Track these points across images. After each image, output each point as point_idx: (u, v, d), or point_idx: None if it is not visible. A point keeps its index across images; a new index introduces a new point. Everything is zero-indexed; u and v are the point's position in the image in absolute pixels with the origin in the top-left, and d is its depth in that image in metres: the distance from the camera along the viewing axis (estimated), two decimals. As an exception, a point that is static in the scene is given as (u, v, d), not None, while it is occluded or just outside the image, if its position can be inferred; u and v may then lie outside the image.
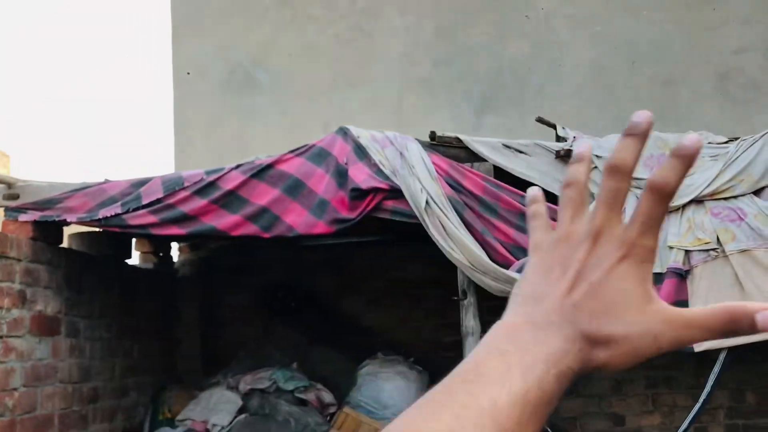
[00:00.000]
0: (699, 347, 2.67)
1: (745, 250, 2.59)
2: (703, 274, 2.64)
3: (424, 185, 2.89)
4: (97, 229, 3.50)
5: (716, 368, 2.65)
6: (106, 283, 3.74)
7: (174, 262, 4.82)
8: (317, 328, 4.88)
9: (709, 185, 2.71)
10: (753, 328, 0.47)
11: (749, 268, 2.58)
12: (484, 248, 2.88)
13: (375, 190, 2.98)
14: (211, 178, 3.11)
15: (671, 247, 2.69)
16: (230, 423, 3.91)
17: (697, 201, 2.72)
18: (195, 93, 5.53)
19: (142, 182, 3.14)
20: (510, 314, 0.51)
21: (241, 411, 4.02)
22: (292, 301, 4.88)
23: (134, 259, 4.34)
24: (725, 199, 2.69)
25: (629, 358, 0.49)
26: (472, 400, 0.46)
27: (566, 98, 5.14)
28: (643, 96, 5.13)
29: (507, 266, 2.85)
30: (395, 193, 2.99)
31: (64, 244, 3.50)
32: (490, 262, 2.81)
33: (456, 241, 2.85)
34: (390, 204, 3.00)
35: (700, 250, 2.66)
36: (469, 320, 2.93)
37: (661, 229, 0.49)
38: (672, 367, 4.66)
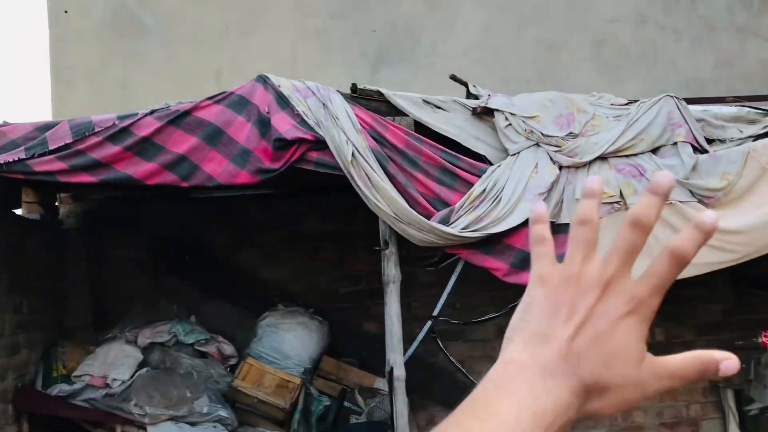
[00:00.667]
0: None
1: (645, 203, 2.88)
2: (608, 224, 2.89)
3: (349, 137, 2.93)
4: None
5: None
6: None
7: (59, 214, 4.55)
8: (211, 281, 4.82)
9: (613, 144, 2.96)
10: (717, 374, 0.52)
11: (647, 219, 2.87)
12: (406, 200, 2.98)
13: (299, 141, 2.99)
14: (124, 123, 2.98)
15: (578, 200, 2.92)
16: (131, 377, 3.82)
17: (602, 158, 2.97)
18: (74, 34, 5.18)
19: (48, 126, 2.96)
20: (516, 350, 0.52)
21: (141, 365, 3.93)
22: (185, 254, 4.77)
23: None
24: (627, 156, 2.95)
25: (618, 408, 0.52)
26: None
27: (456, 57, 5.30)
28: (527, 58, 5.41)
29: (428, 217, 2.97)
30: (320, 144, 3.01)
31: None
32: (414, 212, 2.92)
33: (381, 192, 2.93)
34: (314, 155, 3.02)
35: (605, 203, 2.91)
36: (391, 269, 3.04)
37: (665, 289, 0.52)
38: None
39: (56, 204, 4.51)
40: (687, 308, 5.11)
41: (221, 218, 4.92)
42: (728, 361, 0.52)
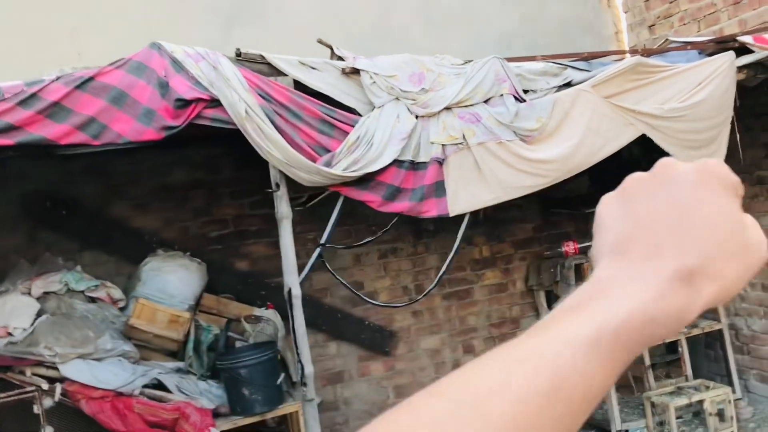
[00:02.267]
0: (452, 212, 3.75)
1: (482, 143, 3.69)
2: (455, 161, 3.68)
3: (241, 96, 3.43)
4: None
5: (462, 227, 3.75)
6: None
7: (-73, 177, 4.57)
8: (87, 232, 5.08)
9: (455, 96, 3.71)
10: None
11: (484, 155, 3.68)
12: (293, 148, 3.56)
13: (197, 100, 3.44)
14: (33, 89, 3.26)
15: (432, 143, 3.67)
16: (32, 324, 4.10)
17: (448, 108, 3.72)
18: None
19: (-42, 93, 3.17)
20: (599, 268, 0.49)
21: (39, 314, 4.20)
22: (60, 208, 4.98)
23: None
24: (466, 106, 3.73)
25: (731, 293, 0.47)
26: (532, 353, 0.44)
27: (303, 15, 5.80)
28: (363, 18, 6.01)
29: (314, 161, 3.58)
30: (214, 102, 3.48)
31: None
32: (303, 158, 3.51)
33: (273, 142, 3.48)
34: (210, 112, 3.49)
35: (452, 144, 3.68)
36: (283, 207, 3.61)
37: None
38: (398, 240, 5.85)
39: None
40: (505, 228, 6.15)
41: (90, 173, 5.15)
42: None
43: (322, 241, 3.80)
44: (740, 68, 4.16)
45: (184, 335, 4.55)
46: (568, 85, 4.00)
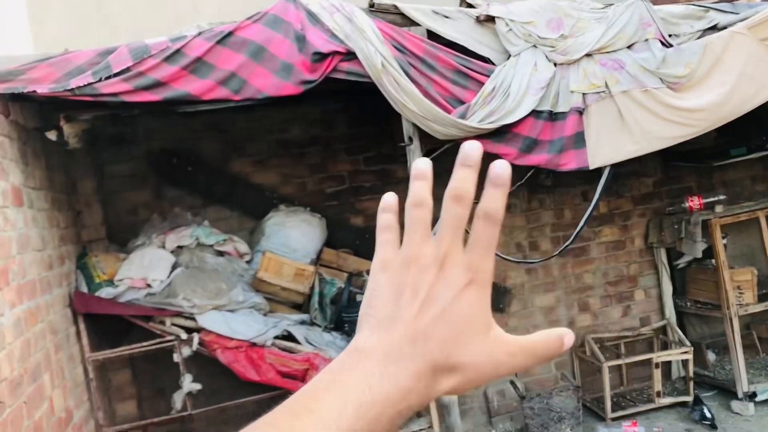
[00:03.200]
0: (593, 165, 3.61)
1: (626, 91, 3.51)
2: (596, 110, 3.53)
3: (377, 48, 3.37)
4: (40, 103, 3.49)
5: (602, 180, 3.61)
6: (38, 155, 3.76)
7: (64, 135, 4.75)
8: (210, 188, 5.19)
9: (596, 42, 3.54)
10: (562, 348, 0.55)
11: (628, 104, 3.51)
12: (428, 100, 3.48)
13: (333, 53, 3.40)
14: (177, 45, 3.30)
15: (572, 91, 3.53)
16: (168, 276, 4.24)
17: (588, 55, 3.56)
18: (45, -45, 5.19)
19: (109, 51, 3.23)
20: (363, 337, 0.52)
21: (173, 267, 4.34)
22: (185, 165, 5.10)
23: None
24: (608, 53, 3.55)
25: (471, 384, 0.52)
26: None
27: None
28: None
29: (448, 113, 3.50)
30: (350, 55, 3.43)
31: None
32: (438, 109, 3.44)
33: (409, 95, 3.41)
34: (345, 65, 3.45)
35: (593, 93, 3.52)
36: (417, 161, 3.56)
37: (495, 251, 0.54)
38: (511, 196, 5.74)
39: (60, 126, 4.70)
40: (623, 182, 5.94)
41: (210, 130, 5.24)
42: (568, 336, 0.55)
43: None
44: None
45: (309, 288, 4.62)
46: (713, 28, 3.75)
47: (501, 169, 0.53)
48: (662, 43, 3.60)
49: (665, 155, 5.85)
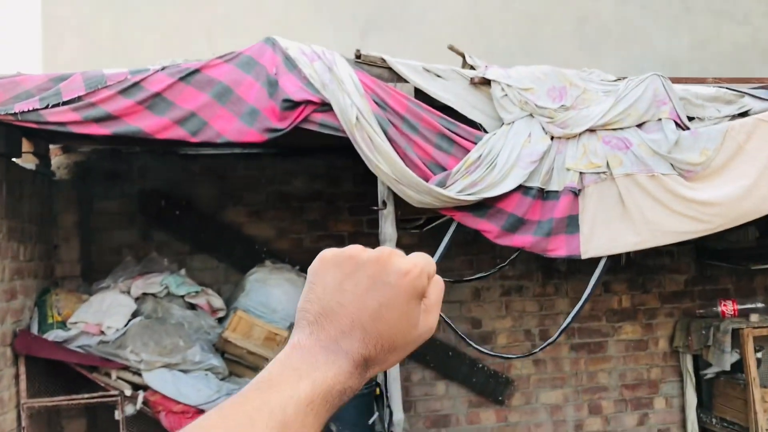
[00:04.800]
0: (585, 254, 3.16)
1: (630, 174, 3.08)
2: (593, 193, 3.10)
3: (353, 101, 3.06)
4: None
5: (596, 273, 3.15)
6: (-5, 182, 3.56)
7: (51, 165, 4.59)
8: (198, 235, 4.93)
9: (602, 117, 3.14)
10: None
11: (632, 189, 3.07)
12: (405, 163, 3.13)
13: (306, 102, 3.11)
14: (136, 78, 3.06)
15: (568, 169, 3.11)
16: (125, 325, 3.93)
17: (591, 130, 3.15)
18: (65, -16, 5.15)
19: (62, 78, 3.02)
20: (303, 335, 0.56)
21: (134, 315, 4.05)
22: (174, 208, 4.86)
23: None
24: (614, 129, 3.14)
25: (394, 364, 0.59)
26: (263, 405, 0.51)
27: (443, 26, 5.42)
28: (511, 30, 5.55)
29: (426, 180, 3.13)
30: (324, 106, 3.13)
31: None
32: (414, 174, 3.07)
33: (383, 155, 3.07)
34: (319, 117, 3.14)
35: (592, 173, 3.11)
36: (387, 227, 3.20)
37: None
38: (524, 278, 5.29)
39: (48, 155, 4.55)
40: (651, 276, 5.41)
41: (208, 175, 5.01)
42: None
43: (429, 271, 3.33)
44: None
45: (278, 355, 4.23)
46: (744, 115, 3.30)
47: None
48: (677, 125, 3.17)
49: (700, 252, 5.32)
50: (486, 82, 3.25)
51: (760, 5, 5.70)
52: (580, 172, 3.11)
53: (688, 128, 3.17)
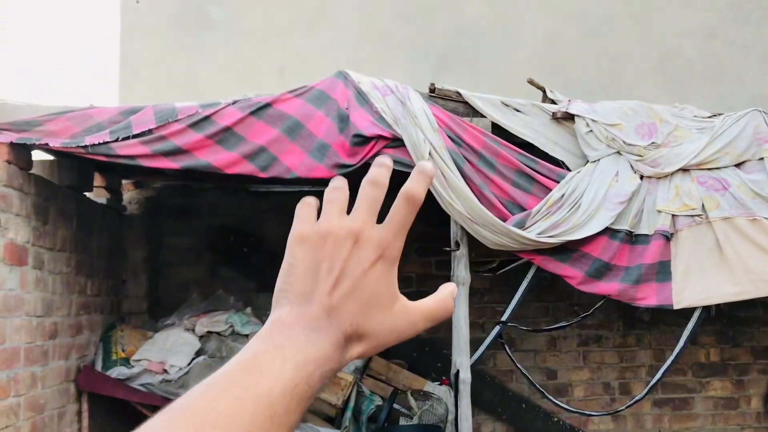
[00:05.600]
0: (678, 305, 2.90)
1: (728, 218, 2.83)
2: (687, 237, 2.86)
3: (426, 136, 2.93)
4: (63, 157, 3.31)
5: (690, 325, 2.88)
6: (66, 215, 3.55)
7: (122, 200, 4.61)
8: (265, 273, 4.84)
9: (696, 156, 2.91)
10: (452, 303, 0.60)
11: (730, 234, 2.82)
12: (480, 201, 2.96)
13: (377, 138, 2.99)
14: (207, 112, 3.01)
15: (660, 211, 2.88)
16: (188, 364, 3.85)
17: (684, 170, 2.92)
18: (143, 24, 5.26)
19: (133, 111, 2.99)
20: (284, 312, 0.55)
21: (198, 353, 3.96)
22: (242, 245, 4.80)
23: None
24: (710, 169, 2.90)
25: (376, 350, 0.57)
26: (250, 388, 0.50)
27: (519, 63, 5.26)
28: (590, 69, 5.35)
29: (503, 220, 2.95)
30: (396, 141, 3.01)
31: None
32: (490, 214, 2.90)
33: (457, 192, 2.91)
34: (390, 152, 3.02)
35: (685, 215, 2.86)
36: (461, 270, 3.02)
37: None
38: (603, 327, 4.99)
39: (120, 190, 4.57)
40: (743, 329, 5.02)
41: (277, 212, 4.94)
42: (455, 289, 0.61)
43: (503, 317, 3.12)
44: None
45: (343, 400, 4.06)
46: None
47: (428, 166, 0.59)
48: (782, 164, 2.90)
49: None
50: (569, 117, 3.07)
51: None
52: (673, 215, 2.87)
53: (793, 168, 2.90)
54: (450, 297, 0.61)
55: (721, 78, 5.35)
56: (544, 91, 3.32)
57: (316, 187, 4.53)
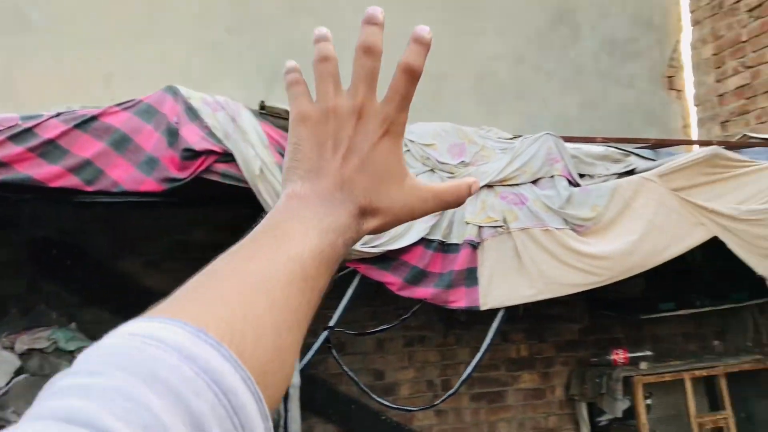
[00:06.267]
0: (484, 306, 3.23)
1: (525, 229, 3.20)
2: (492, 246, 3.20)
3: (257, 152, 3.05)
4: None
5: (495, 324, 3.23)
6: None
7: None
8: (92, 287, 4.72)
9: (499, 173, 3.26)
10: (470, 193, 0.62)
11: (527, 243, 3.19)
12: (309, 215, 3.13)
13: (207, 152, 3.07)
14: (28, 124, 2.94)
15: (467, 223, 3.20)
16: (8, 383, 3.68)
17: (489, 186, 3.27)
18: (-47, 23, 4.93)
19: (-56, 121, 2.87)
20: (296, 186, 0.56)
21: (18, 372, 3.80)
22: (66, 258, 4.64)
23: None
24: (511, 185, 3.27)
25: (390, 225, 0.59)
26: (280, 250, 0.51)
27: (348, 79, 5.51)
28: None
29: (330, 232, 3.14)
30: (227, 156, 3.10)
31: None
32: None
33: (286, 206, 3.06)
34: (221, 167, 3.11)
35: (490, 227, 3.20)
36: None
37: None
38: (426, 328, 5.33)
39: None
40: (547, 326, 5.57)
41: (103, 223, 4.83)
42: (475, 184, 0.63)
43: (331, 323, 3.32)
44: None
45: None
46: (631, 173, 3.51)
47: (425, 30, 0.56)
48: (570, 182, 3.33)
49: (591, 302, 5.53)
50: (389, 137, 3.32)
51: (644, 71, 6.12)
52: (479, 226, 3.20)
53: (579, 185, 3.33)
54: (465, 186, 0.61)
55: (528, 99, 5.90)
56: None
57: (146, 197, 4.48)
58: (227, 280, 0.48)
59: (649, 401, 4.98)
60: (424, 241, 3.16)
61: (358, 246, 3.10)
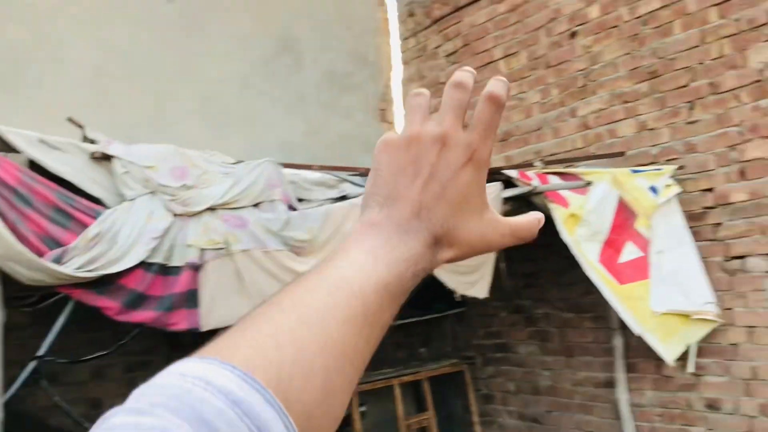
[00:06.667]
0: (204, 327, 3.30)
1: (246, 250, 3.33)
2: (214, 268, 3.28)
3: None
4: None
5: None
6: None
7: None
8: None
9: (221, 197, 3.36)
10: (539, 226, 0.61)
11: (248, 264, 3.32)
12: (17, 238, 2.96)
13: None
14: None
15: (190, 245, 3.25)
16: None
17: (212, 209, 3.35)
18: None
19: None
20: (373, 213, 0.56)
21: None
22: None
23: None
24: (233, 209, 3.38)
25: (466, 256, 0.58)
26: (344, 284, 0.51)
27: (65, 93, 5.23)
28: (136, 104, 5.57)
29: (40, 255, 2.99)
30: None
31: None
32: (26, 250, 2.91)
33: (-11, 229, 2.86)
34: None
35: (212, 249, 3.28)
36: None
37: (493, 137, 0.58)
38: (149, 353, 5.20)
39: None
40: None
41: None
42: (542, 217, 0.62)
43: (40, 352, 3.15)
44: (505, 200, 4.27)
45: None
46: (343, 198, 3.83)
47: (502, 78, 0.58)
48: (289, 206, 3.55)
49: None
50: (107, 158, 3.25)
51: (360, 103, 6.63)
52: (202, 249, 3.27)
53: (296, 209, 3.56)
54: (536, 222, 0.60)
55: (254, 123, 6.07)
56: (83, 129, 3.44)
57: None
58: (285, 313, 0.48)
59: (363, 408, 5.37)
60: (144, 265, 3.15)
61: (69, 270, 2.99)
